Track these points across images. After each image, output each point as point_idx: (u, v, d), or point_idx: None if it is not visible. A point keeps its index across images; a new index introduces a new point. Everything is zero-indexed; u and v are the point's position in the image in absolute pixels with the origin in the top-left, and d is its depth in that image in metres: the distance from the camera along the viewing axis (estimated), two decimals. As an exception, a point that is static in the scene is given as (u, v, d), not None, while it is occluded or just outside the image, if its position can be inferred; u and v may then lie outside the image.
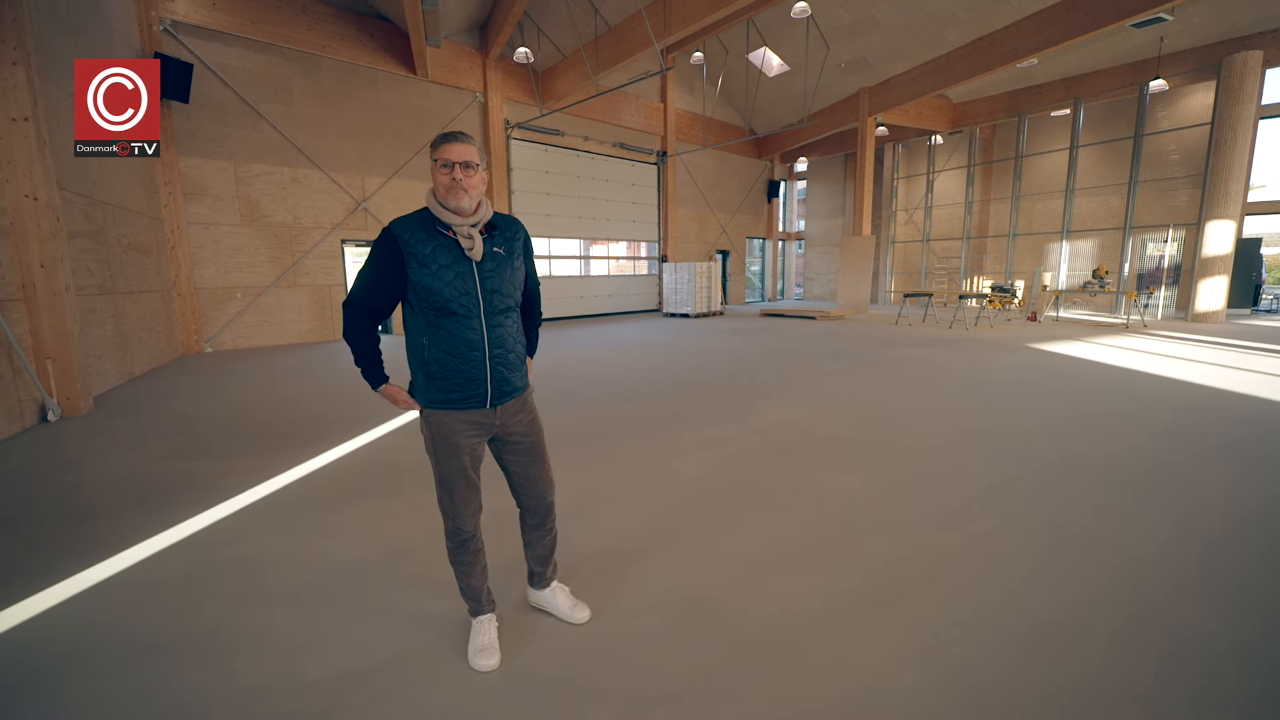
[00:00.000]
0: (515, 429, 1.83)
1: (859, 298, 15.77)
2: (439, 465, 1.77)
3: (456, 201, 1.63)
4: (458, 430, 1.73)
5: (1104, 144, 14.86)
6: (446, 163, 1.61)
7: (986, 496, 3.09)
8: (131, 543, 2.62)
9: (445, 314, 1.64)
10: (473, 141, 1.65)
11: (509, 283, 1.74)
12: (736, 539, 2.65)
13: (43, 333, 4.92)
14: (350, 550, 2.58)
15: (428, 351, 1.67)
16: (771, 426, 4.53)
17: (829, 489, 3.22)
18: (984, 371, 6.72)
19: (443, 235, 1.65)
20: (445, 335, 1.66)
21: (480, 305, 1.67)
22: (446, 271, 1.63)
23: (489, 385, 1.72)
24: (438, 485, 1.80)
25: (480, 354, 1.69)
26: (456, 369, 1.68)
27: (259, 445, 4.20)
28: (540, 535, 2.01)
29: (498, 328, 1.73)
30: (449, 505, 1.80)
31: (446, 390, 1.69)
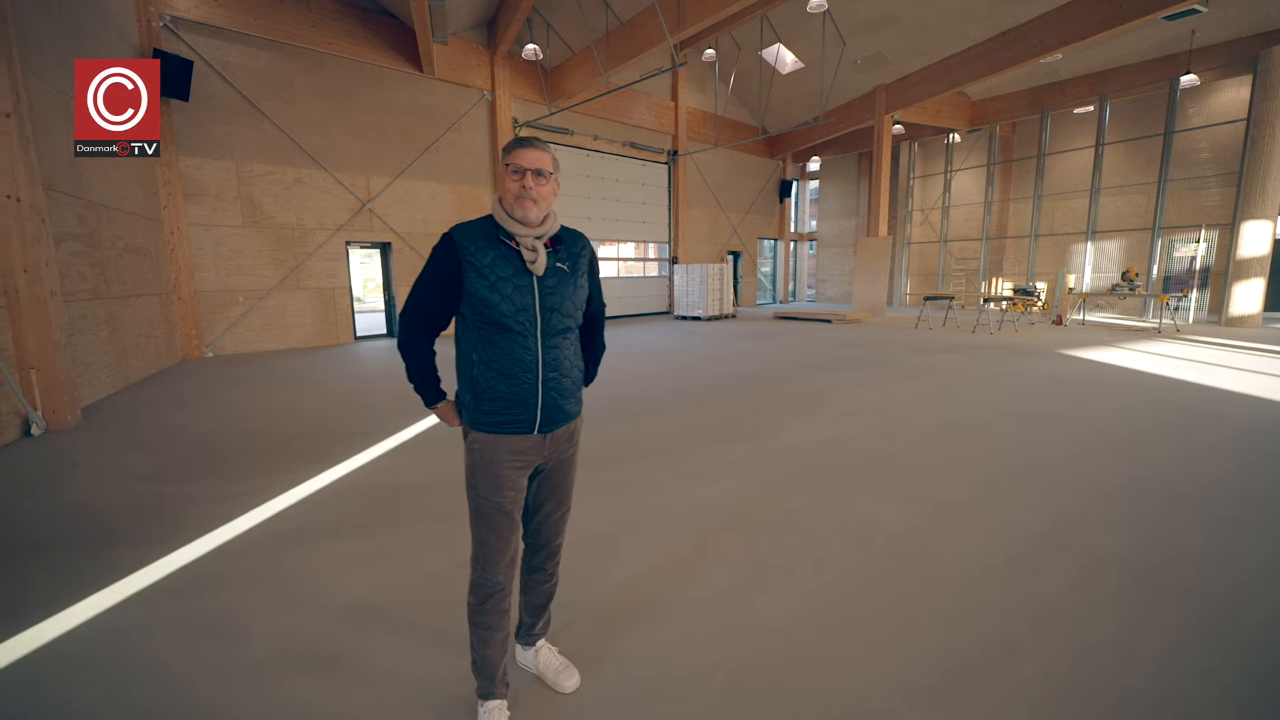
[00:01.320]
0: (558, 460, 1.68)
1: (875, 300, 15.35)
2: (477, 498, 1.60)
3: (524, 212, 1.49)
4: (502, 460, 1.57)
5: (1130, 142, 14.37)
6: (518, 169, 1.48)
7: (1055, 535, 2.73)
8: (91, 588, 2.32)
9: (499, 330, 1.50)
10: (548, 149, 1.53)
11: (570, 301, 1.59)
12: (775, 593, 2.30)
13: (26, 342, 4.66)
14: (338, 597, 2.27)
15: (477, 369, 1.54)
16: (802, 444, 4.18)
17: (875, 523, 2.87)
18: (1019, 382, 6.34)
19: (505, 245, 1.52)
20: (497, 353, 1.52)
21: (537, 323, 1.53)
22: (505, 284, 1.49)
23: (539, 411, 1.56)
24: (472, 520, 1.62)
25: (533, 376, 1.54)
26: (505, 391, 1.53)
27: (251, 464, 3.91)
28: (539, 580, 1.80)
29: (554, 349, 1.57)
30: (481, 549, 1.60)
31: (493, 413, 1.54)
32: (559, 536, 1.77)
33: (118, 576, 2.41)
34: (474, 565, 1.62)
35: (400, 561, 2.56)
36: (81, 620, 2.11)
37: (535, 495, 1.70)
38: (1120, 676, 1.78)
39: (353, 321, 10.84)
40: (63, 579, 2.40)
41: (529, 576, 1.80)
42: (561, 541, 1.79)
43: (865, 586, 2.30)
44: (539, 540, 1.76)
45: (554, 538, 1.76)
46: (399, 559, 2.58)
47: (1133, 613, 2.11)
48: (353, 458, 4.01)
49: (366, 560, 2.56)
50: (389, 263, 11.36)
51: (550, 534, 1.75)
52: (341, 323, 10.60)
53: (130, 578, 2.40)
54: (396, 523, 2.95)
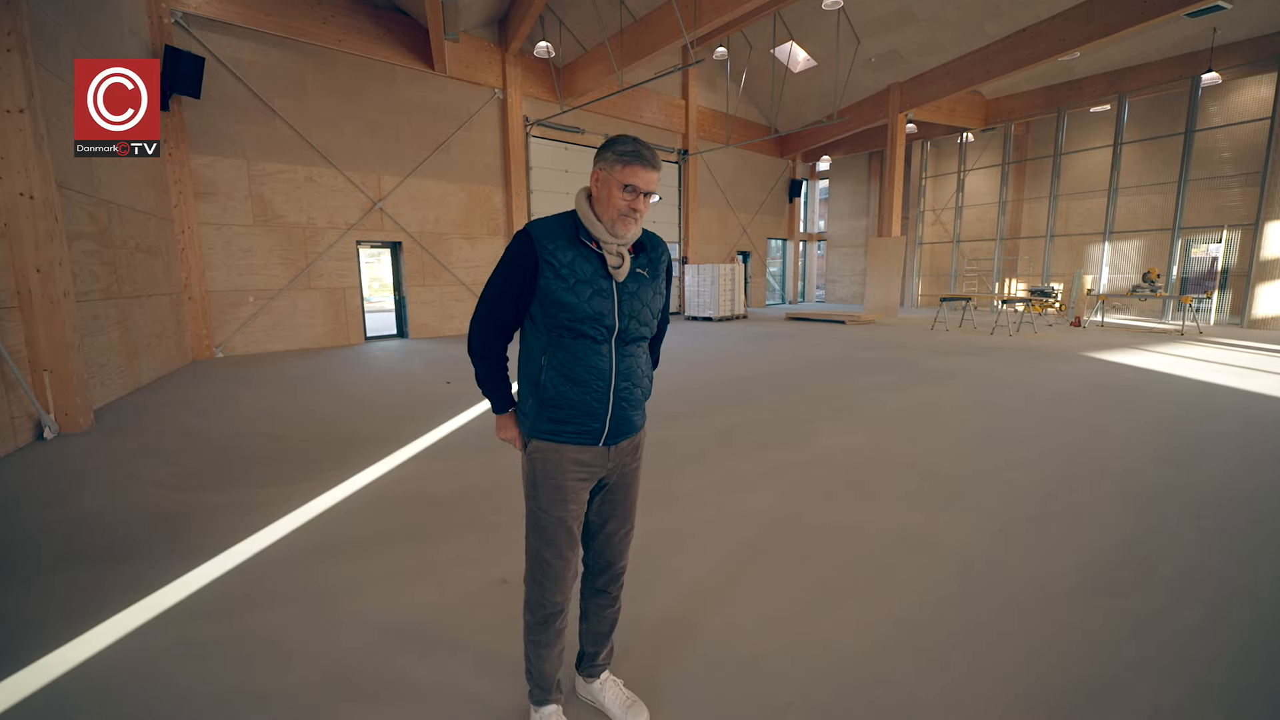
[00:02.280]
0: (620, 474, 1.58)
1: (888, 301, 15.18)
2: (538, 511, 1.51)
3: (626, 231, 1.41)
4: (566, 470, 1.47)
5: (1148, 141, 14.17)
6: (633, 188, 1.38)
7: (1132, 553, 2.58)
8: (115, 607, 2.19)
9: (574, 335, 1.41)
10: (661, 166, 1.44)
11: (649, 308, 1.50)
12: (843, 617, 2.16)
13: (39, 343, 4.54)
14: (377, 617, 2.14)
15: (545, 374, 1.44)
16: (839, 450, 4.04)
17: (934, 537, 2.73)
18: (1049, 385, 6.18)
19: (586, 246, 1.42)
20: (569, 359, 1.42)
21: (615, 329, 1.43)
22: (584, 287, 1.39)
23: (608, 422, 1.47)
24: (530, 535, 1.53)
25: (605, 385, 1.45)
26: (575, 399, 1.44)
27: (269, 471, 3.78)
28: (603, 605, 1.69)
29: (629, 357, 1.48)
30: (540, 567, 1.52)
31: (559, 421, 1.45)
32: (624, 558, 1.67)
33: (142, 594, 2.28)
34: (530, 583, 1.54)
35: (436, 577, 2.42)
36: (106, 643, 1.98)
37: (597, 513, 1.60)
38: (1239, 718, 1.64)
39: (363, 322, 10.73)
40: (84, 597, 2.27)
41: (591, 601, 1.69)
42: (626, 563, 1.69)
43: (939, 611, 2.15)
44: (601, 562, 1.65)
45: (618, 559, 1.66)
46: (434, 575, 2.44)
47: (1241, 639, 1.97)
48: (374, 465, 3.88)
49: (401, 577, 2.43)
50: (400, 262, 11.24)
51: (614, 554, 1.65)
52: (352, 323, 10.48)
53: (155, 595, 2.27)
54: (428, 536, 2.81)
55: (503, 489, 3.35)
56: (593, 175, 1.43)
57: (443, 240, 11.50)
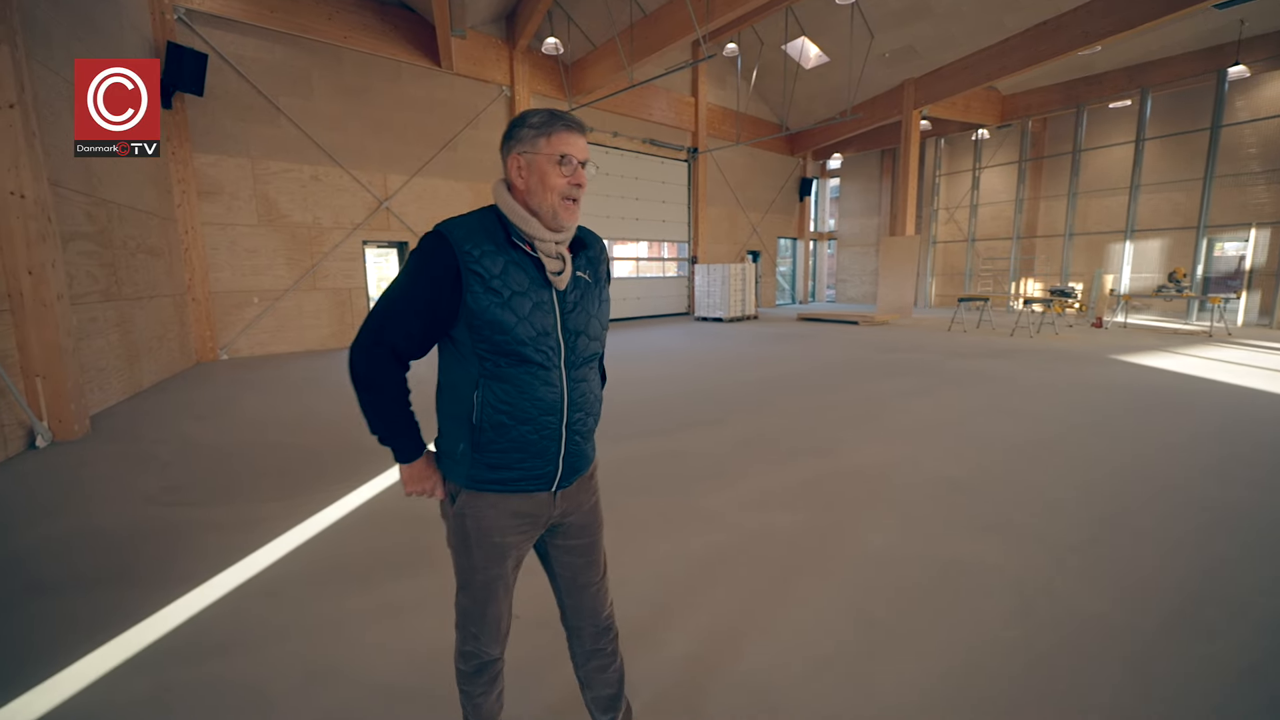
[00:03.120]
0: (573, 518, 1.34)
1: (902, 301, 14.87)
2: (470, 570, 1.27)
3: (569, 220, 1.17)
4: (505, 526, 1.24)
5: (1170, 137, 13.79)
6: (569, 159, 1.14)
7: (1212, 587, 2.34)
8: (86, 646, 1.99)
9: (514, 361, 1.14)
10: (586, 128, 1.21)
11: (597, 320, 1.28)
12: (900, 667, 1.93)
13: (31, 347, 4.37)
14: (377, 659, 1.93)
15: (480, 412, 1.16)
16: (868, 463, 3.80)
17: (983, 565, 2.49)
18: (1081, 391, 5.91)
19: (518, 250, 1.15)
20: (511, 391, 1.15)
21: (561, 350, 1.19)
22: (522, 301, 1.13)
23: (560, 462, 1.24)
24: (461, 593, 1.31)
25: (557, 419, 1.20)
26: (521, 438, 1.18)
27: (269, 483, 3.59)
28: (601, 666, 1.45)
29: (582, 382, 1.24)
30: (475, 623, 1.31)
31: (500, 466, 1.19)
32: (607, 605, 1.45)
33: (118, 629, 2.08)
34: (463, 636, 1.33)
35: (444, 612, 2.20)
36: (71, 692, 1.78)
37: (564, 566, 1.37)
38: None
39: (369, 323, 10.54)
40: (54, 633, 2.08)
41: (587, 666, 1.45)
42: (612, 610, 1.47)
43: (1002, 661, 1.92)
44: (584, 618, 1.41)
45: (602, 608, 1.43)
46: (442, 608, 2.23)
47: (1342, 696, 1.72)
48: (377, 477, 3.68)
49: (405, 610, 2.22)
50: (406, 263, 11.05)
51: (597, 606, 1.42)
52: (358, 324, 10.28)
53: (132, 631, 2.07)
54: (434, 561, 2.60)
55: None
56: (510, 165, 1.18)
57: (449, 240, 11.30)
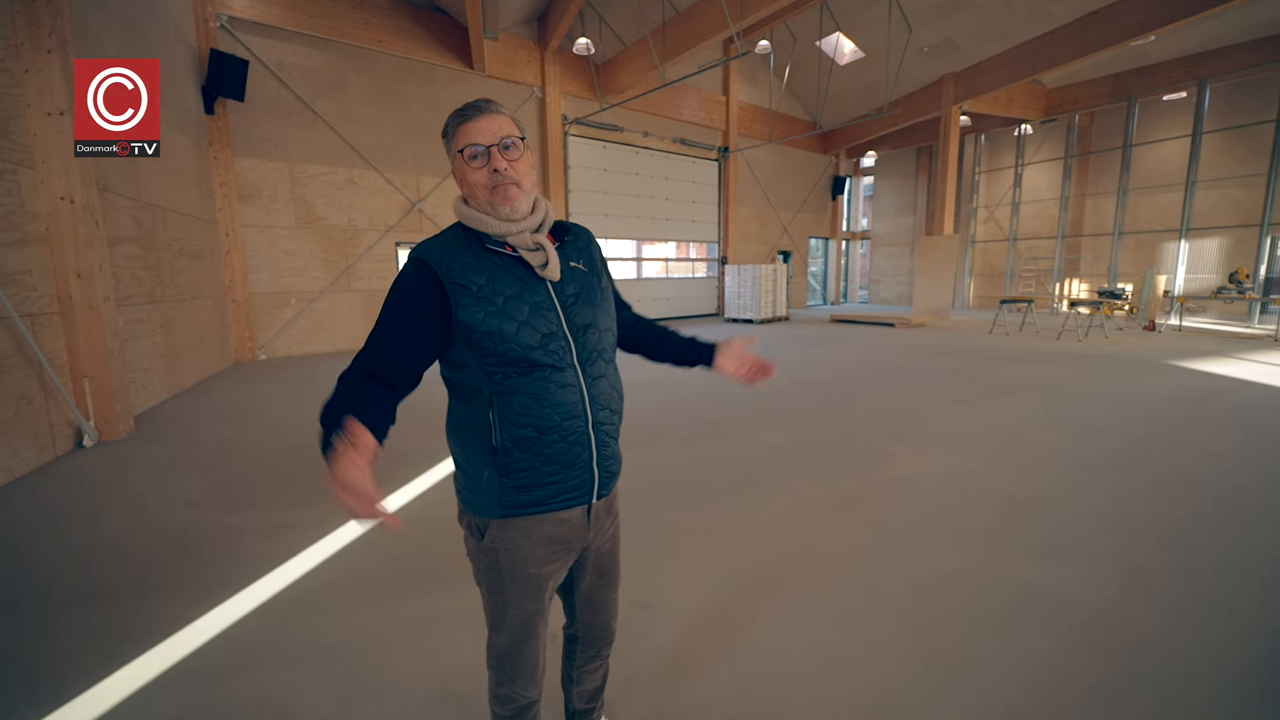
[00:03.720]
0: (603, 541, 1.28)
1: (939, 303, 14.42)
2: (504, 608, 1.18)
3: (511, 204, 1.09)
4: (540, 556, 1.15)
5: (1230, 130, 13.06)
6: (477, 150, 1.07)
7: (1306, 620, 2.11)
8: (122, 657, 1.96)
9: (525, 369, 1.07)
10: (502, 108, 1.11)
11: (602, 312, 1.19)
12: (970, 709, 1.77)
13: (79, 349, 4.47)
14: (415, 677, 1.85)
15: (499, 432, 1.08)
16: (919, 476, 3.61)
17: (1056, 593, 2.30)
18: (1141, 400, 5.57)
19: (498, 254, 1.10)
20: (528, 402, 1.08)
21: (572, 347, 1.11)
22: (517, 304, 1.07)
23: (595, 468, 1.15)
24: (494, 633, 1.22)
25: (582, 422, 1.12)
26: (548, 449, 1.10)
27: (305, 487, 3.58)
28: (594, 669, 1.46)
29: (599, 378, 1.16)
30: (511, 664, 1.22)
31: (532, 486, 1.11)
32: (616, 618, 1.43)
33: (154, 640, 2.05)
34: (499, 676, 1.24)
35: (477, 628, 2.11)
36: (104, 709, 1.74)
37: (586, 584, 1.31)
38: None
39: (401, 324, 10.66)
40: (91, 643, 2.06)
41: (582, 669, 1.44)
42: (617, 621, 1.44)
43: (1089, 707, 1.74)
44: (595, 632, 1.39)
45: (612, 621, 1.41)
46: (475, 625, 2.14)
47: None
48: (411, 482, 3.64)
49: (443, 623, 2.14)
50: (438, 264, 11.15)
51: (609, 617, 1.40)
52: (390, 325, 10.41)
53: (168, 642, 2.04)
54: (469, 573, 2.52)
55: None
56: (454, 178, 1.14)
57: (480, 241, 11.36)
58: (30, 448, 3.94)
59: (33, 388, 4.03)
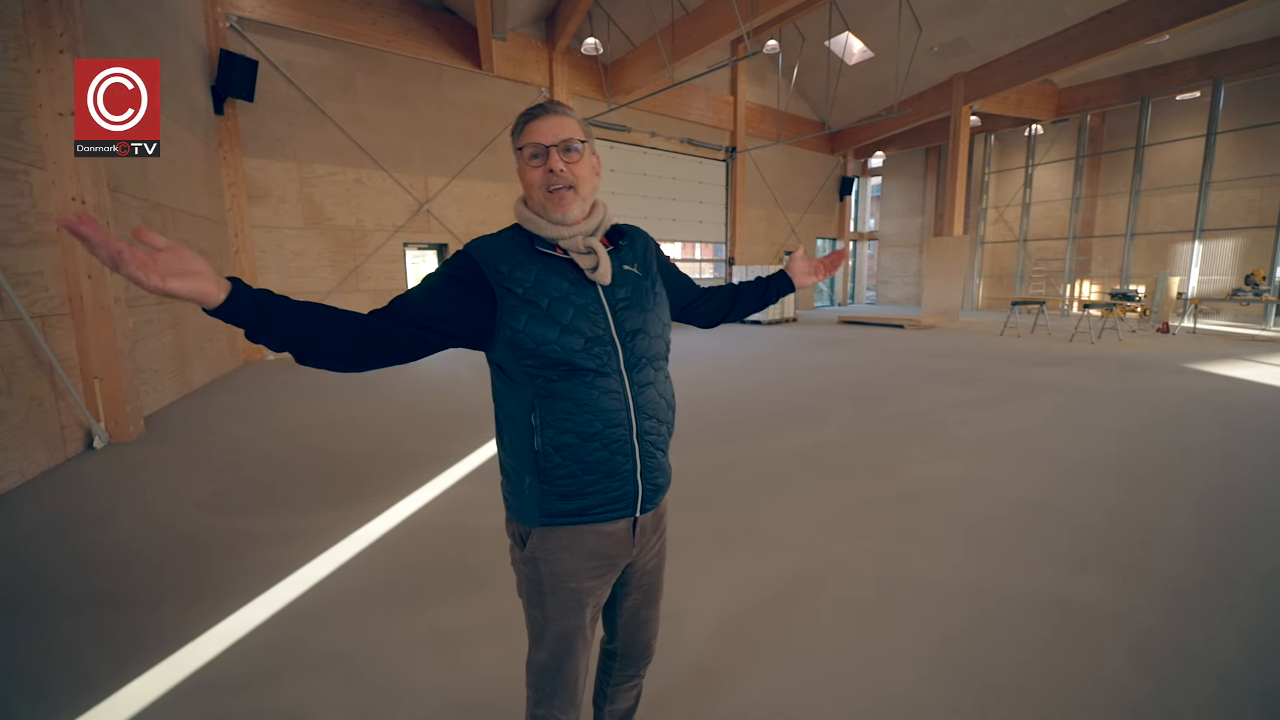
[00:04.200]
0: (648, 557, 1.23)
1: (949, 304, 14.31)
2: (544, 623, 1.14)
3: (563, 210, 1.06)
4: (581, 570, 1.11)
5: (1245, 131, 12.90)
6: (537, 149, 1.05)
7: (1351, 636, 2.05)
8: (135, 668, 1.92)
9: (568, 373, 1.04)
10: (571, 112, 1.08)
11: (654, 316, 1.14)
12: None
13: (90, 350, 4.45)
14: (432, 693, 1.81)
15: (540, 436, 1.05)
16: (939, 482, 3.55)
17: (1089, 606, 2.24)
18: (1161, 404, 5.48)
19: (548, 255, 1.08)
20: (570, 408, 1.05)
21: (618, 353, 1.07)
22: (563, 306, 1.05)
23: (639, 479, 1.10)
24: (535, 649, 1.18)
25: (625, 430, 1.08)
26: (590, 457, 1.06)
27: (316, 492, 3.54)
28: (629, 688, 1.40)
29: (647, 385, 1.11)
30: (550, 683, 1.18)
31: (572, 495, 1.07)
32: (656, 637, 1.37)
33: (168, 649, 2.01)
34: (537, 696, 1.20)
35: (499, 640, 2.08)
36: (131, 713, 1.71)
37: (629, 601, 1.26)
38: None
39: (409, 325, 10.64)
40: (103, 652, 2.02)
41: (619, 686, 1.39)
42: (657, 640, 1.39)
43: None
44: (634, 648, 1.33)
45: (652, 640, 1.36)
46: (497, 635, 2.10)
47: None
48: (424, 486, 3.60)
49: (460, 637, 2.10)
50: (445, 265, 11.14)
51: (650, 635, 1.34)
52: (398, 326, 10.39)
53: (181, 653, 2.00)
54: (486, 581, 2.48)
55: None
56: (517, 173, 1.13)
57: (488, 242, 11.34)
58: (41, 450, 3.92)
59: (44, 389, 4.01)
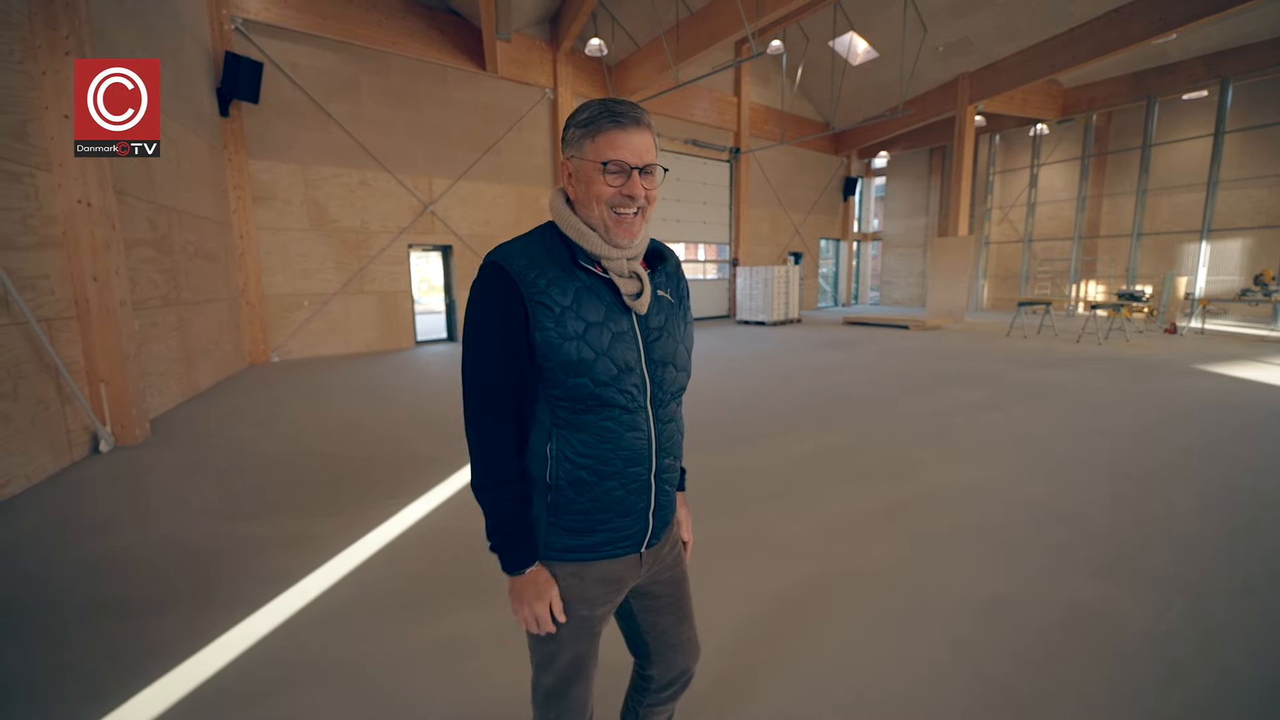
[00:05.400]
0: (661, 571, 1.17)
1: (953, 305, 14.26)
2: (554, 650, 1.09)
3: (630, 236, 0.98)
4: (592, 598, 1.07)
5: (1253, 130, 12.81)
6: (620, 167, 0.94)
7: (1381, 647, 2.00)
8: (139, 681, 1.89)
9: (595, 405, 0.97)
10: (651, 123, 0.97)
11: (684, 347, 1.08)
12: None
13: (95, 354, 4.43)
14: (444, 705, 1.77)
15: (554, 468, 1.00)
16: (952, 487, 3.50)
17: (1113, 616, 2.19)
18: (1172, 406, 5.43)
19: (587, 273, 0.99)
20: (591, 442, 0.99)
21: (647, 388, 1.01)
22: (599, 333, 0.97)
23: (650, 517, 1.07)
24: (541, 673, 1.13)
25: (645, 469, 1.03)
26: (605, 496, 1.01)
27: (322, 496, 3.52)
28: (663, 710, 1.31)
29: (668, 423, 1.07)
30: (557, 705, 1.13)
31: (581, 530, 1.03)
32: (697, 659, 1.28)
33: (171, 662, 1.99)
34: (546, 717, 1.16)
35: (508, 650, 2.05)
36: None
37: (650, 626, 1.20)
38: None
39: (414, 326, 10.65)
40: (105, 664, 1.99)
41: (653, 708, 1.30)
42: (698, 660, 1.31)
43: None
44: (674, 671, 1.24)
45: (691, 664, 1.27)
46: (489, 644, 2.07)
47: None
48: (431, 491, 3.57)
49: (465, 647, 2.07)
50: (450, 266, 11.13)
51: (686, 661, 1.25)
52: (403, 327, 10.41)
53: (185, 665, 1.97)
54: (494, 589, 2.45)
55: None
56: (562, 171, 1.02)
57: (493, 243, 11.31)
58: (47, 454, 3.90)
59: (49, 393, 4.00)
